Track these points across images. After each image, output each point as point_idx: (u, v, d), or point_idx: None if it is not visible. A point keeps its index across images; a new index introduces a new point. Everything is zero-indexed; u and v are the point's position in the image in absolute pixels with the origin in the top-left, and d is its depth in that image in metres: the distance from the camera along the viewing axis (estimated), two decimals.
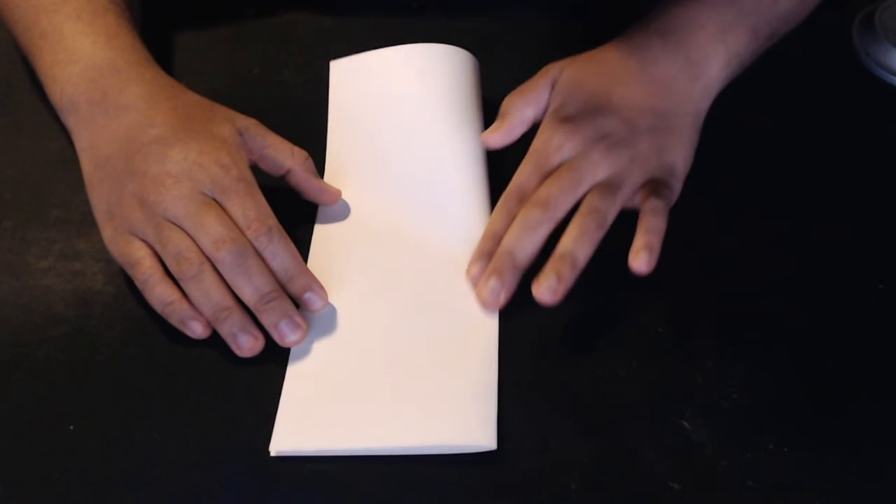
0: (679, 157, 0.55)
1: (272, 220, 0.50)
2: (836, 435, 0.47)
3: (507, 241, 0.51)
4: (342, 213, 0.57)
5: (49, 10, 0.58)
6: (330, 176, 0.59)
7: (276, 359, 0.50)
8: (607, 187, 0.52)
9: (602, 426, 0.47)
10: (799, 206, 0.57)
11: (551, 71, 0.58)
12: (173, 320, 0.49)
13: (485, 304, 0.50)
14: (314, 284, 0.51)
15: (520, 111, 0.56)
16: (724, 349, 0.50)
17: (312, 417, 0.47)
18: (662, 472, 0.45)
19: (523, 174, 0.54)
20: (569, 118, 0.55)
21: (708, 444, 0.46)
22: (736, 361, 0.49)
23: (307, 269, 0.51)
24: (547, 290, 0.48)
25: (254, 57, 0.68)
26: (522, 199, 0.52)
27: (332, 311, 0.51)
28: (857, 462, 0.46)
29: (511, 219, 0.52)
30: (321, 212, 0.57)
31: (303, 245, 0.54)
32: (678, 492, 0.44)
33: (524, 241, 0.50)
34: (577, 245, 0.50)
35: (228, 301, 0.49)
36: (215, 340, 0.50)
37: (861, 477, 0.45)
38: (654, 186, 0.53)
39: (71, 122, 0.56)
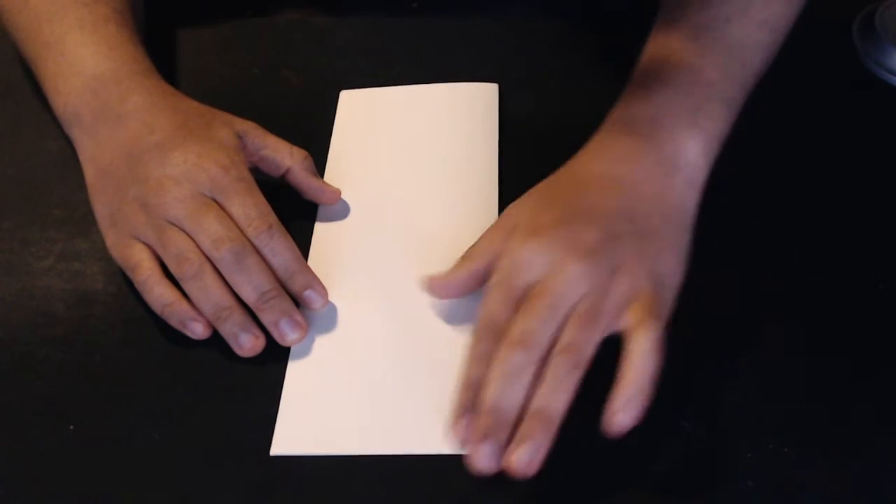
0: (667, 263, 0.48)
1: (272, 218, 0.51)
2: (837, 435, 0.47)
3: (491, 394, 0.43)
4: (343, 213, 0.57)
5: (51, 20, 0.58)
6: (330, 179, 0.59)
7: (276, 359, 0.50)
8: (586, 314, 0.44)
9: (602, 425, 0.47)
10: (799, 205, 0.57)
11: (509, 218, 0.49)
12: (173, 322, 0.49)
13: (482, 471, 0.43)
14: (314, 282, 0.51)
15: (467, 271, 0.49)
16: (724, 349, 0.50)
17: (313, 420, 0.47)
18: (662, 472, 0.45)
19: (492, 303, 0.46)
20: (535, 230, 0.47)
21: (708, 444, 0.46)
22: (736, 362, 0.49)
23: (307, 266, 0.51)
24: (522, 461, 0.42)
25: (254, 57, 0.68)
26: (497, 335, 0.45)
27: (333, 311, 0.51)
28: (857, 462, 0.46)
29: (485, 362, 0.44)
30: (321, 212, 0.57)
31: (303, 245, 0.54)
32: (678, 492, 0.44)
33: (509, 392, 0.43)
34: (551, 398, 0.43)
35: (229, 300, 0.49)
36: (215, 340, 0.50)
37: (861, 477, 0.45)
38: (642, 308, 0.45)
39: (75, 133, 0.56)
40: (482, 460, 0.43)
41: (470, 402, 0.45)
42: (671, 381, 0.48)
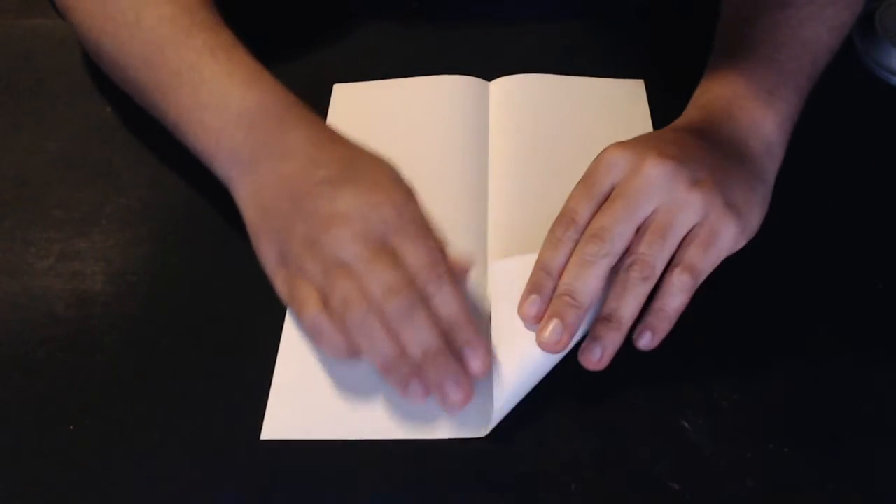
0: (740, 196, 0.50)
1: (443, 267, 0.47)
2: (836, 435, 0.47)
3: (565, 279, 0.48)
4: None
5: (174, 45, 0.54)
6: None
7: (275, 358, 0.50)
8: (658, 229, 0.47)
9: (602, 426, 0.47)
10: (798, 205, 0.57)
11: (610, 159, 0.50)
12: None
13: (546, 349, 0.47)
14: (475, 340, 0.47)
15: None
16: (725, 349, 0.50)
17: (304, 404, 0.48)
18: (662, 472, 0.45)
19: (573, 198, 0.50)
20: (623, 142, 0.51)
21: (708, 444, 0.46)
22: (736, 361, 0.49)
23: (473, 322, 0.47)
24: (591, 359, 0.47)
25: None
26: (571, 226, 0.49)
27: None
28: (857, 462, 0.46)
29: (560, 249, 0.49)
30: None
31: None
32: (678, 492, 0.44)
33: (582, 280, 0.47)
34: (620, 305, 0.47)
35: (395, 349, 0.46)
36: (214, 339, 0.50)
37: (861, 477, 0.45)
38: (697, 249, 0.48)
39: (233, 172, 0.52)
40: (549, 335, 0.47)
41: (540, 285, 0.49)
42: (671, 381, 0.49)
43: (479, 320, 0.49)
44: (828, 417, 0.47)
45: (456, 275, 0.48)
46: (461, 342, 0.46)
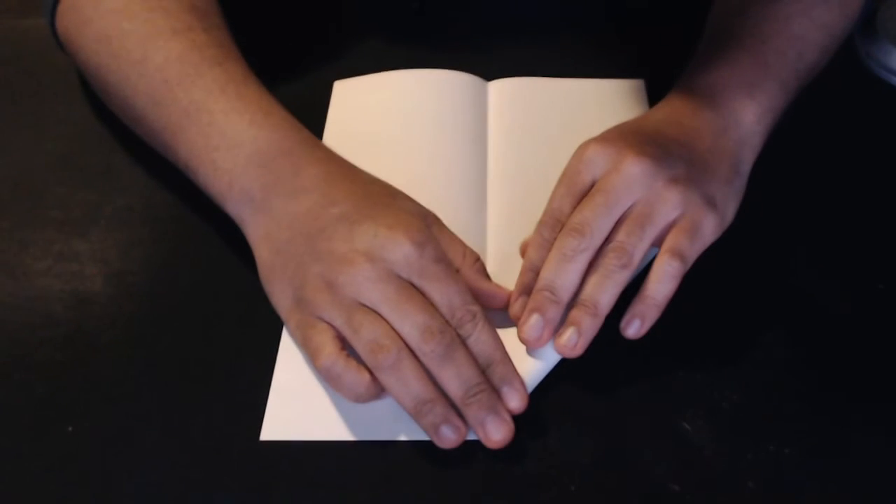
0: (719, 190, 0.51)
1: (476, 306, 0.47)
2: (837, 436, 0.47)
3: (544, 274, 0.48)
4: None
5: (183, 83, 0.52)
6: None
7: (275, 359, 0.49)
8: (637, 218, 0.48)
9: (602, 426, 0.47)
10: (798, 205, 0.57)
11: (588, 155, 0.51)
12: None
13: (526, 344, 0.47)
14: (513, 377, 0.46)
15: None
16: (725, 349, 0.50)
17: (304, 405, 0.47)
18: (662, 473, 0.45)
19: (555, 198, 0.51)
20: (598, 138, 0.52)
21: (708, 445, 0.46)
22: (736, 362, 0.49)
23: (509, 358, 0.47)
24: (566, 344, 0.47)
25: (251, 61, 0.68)
26: (557, 226, 0.50)
27: None
28: (857, 463, 0.45)
29: (547, 248, 0.49)
30: None
31: None
32: (678, 493, 0.44)
33: (560, 274, 0.47)
34: (598, 291, 0.47)
35: (431, 392, 0.45)
36: (213, 339, 0.50)
37: (861, 478, 0.45)
38: (679, 234, 0.49)
39: (245, 212, 0.51)
40: (529, 330, 0.47)
41: (527, 285, 0.49)
42: (672, 381, 0.49)
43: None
44: (828, 418, 0.47)
45: (489, 307, 0.48)
46: (498, 379, 0.46)
